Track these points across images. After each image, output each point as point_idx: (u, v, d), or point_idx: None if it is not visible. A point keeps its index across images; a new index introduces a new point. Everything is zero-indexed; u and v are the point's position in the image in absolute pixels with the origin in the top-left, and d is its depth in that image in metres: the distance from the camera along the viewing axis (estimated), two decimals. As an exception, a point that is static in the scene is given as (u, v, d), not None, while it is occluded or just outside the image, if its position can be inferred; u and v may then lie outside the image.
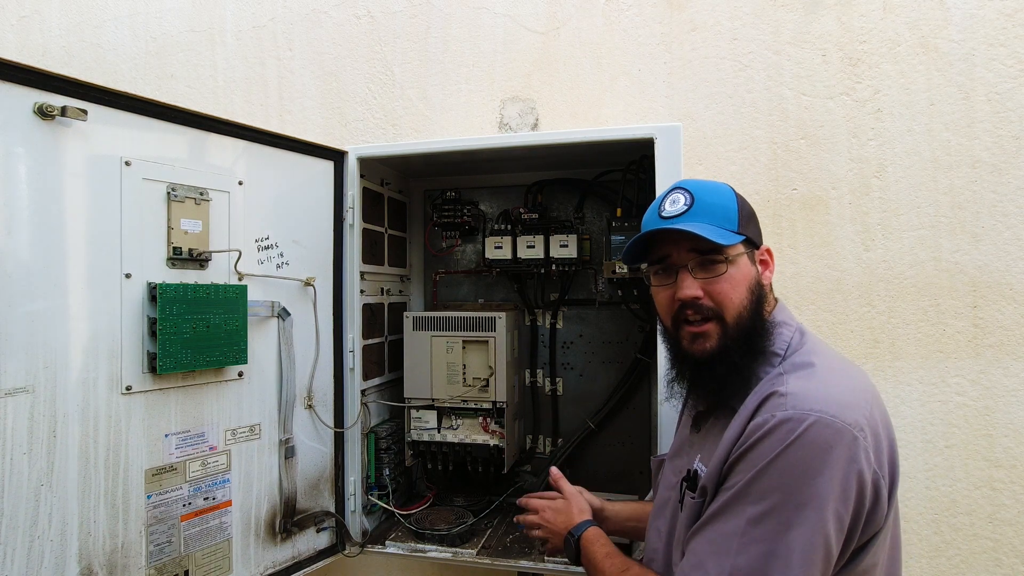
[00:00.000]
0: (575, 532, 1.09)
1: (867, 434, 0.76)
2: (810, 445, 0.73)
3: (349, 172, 1.47)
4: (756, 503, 0.75)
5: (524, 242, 1.63)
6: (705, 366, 0.88)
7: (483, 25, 1.80)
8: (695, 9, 1.65)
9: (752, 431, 0.78)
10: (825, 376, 0.81)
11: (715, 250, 0.87)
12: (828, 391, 0.78)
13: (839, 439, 0.74)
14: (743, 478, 0.77)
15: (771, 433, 0.76)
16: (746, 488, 0.76)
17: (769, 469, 0.75)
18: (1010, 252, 1.48)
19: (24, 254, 0.96)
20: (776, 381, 0.82)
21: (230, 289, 1.22)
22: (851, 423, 0.75)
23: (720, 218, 0.88)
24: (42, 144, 0.98)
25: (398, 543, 1.45)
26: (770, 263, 0.95)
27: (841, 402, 0.76)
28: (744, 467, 0.78)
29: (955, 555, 1.51)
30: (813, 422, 0.74)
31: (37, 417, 0.97)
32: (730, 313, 0.87)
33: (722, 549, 0.76)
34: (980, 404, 1.50)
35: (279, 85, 1.94)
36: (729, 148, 1.63)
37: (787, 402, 0.77)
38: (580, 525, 1.10)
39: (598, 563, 1.00)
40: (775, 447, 0.75)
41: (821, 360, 0.84)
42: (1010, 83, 1.48)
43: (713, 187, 0.93)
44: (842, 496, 0.73)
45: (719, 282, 0.87)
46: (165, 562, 1.14)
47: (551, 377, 1.74)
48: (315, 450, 1.42)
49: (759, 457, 0.76)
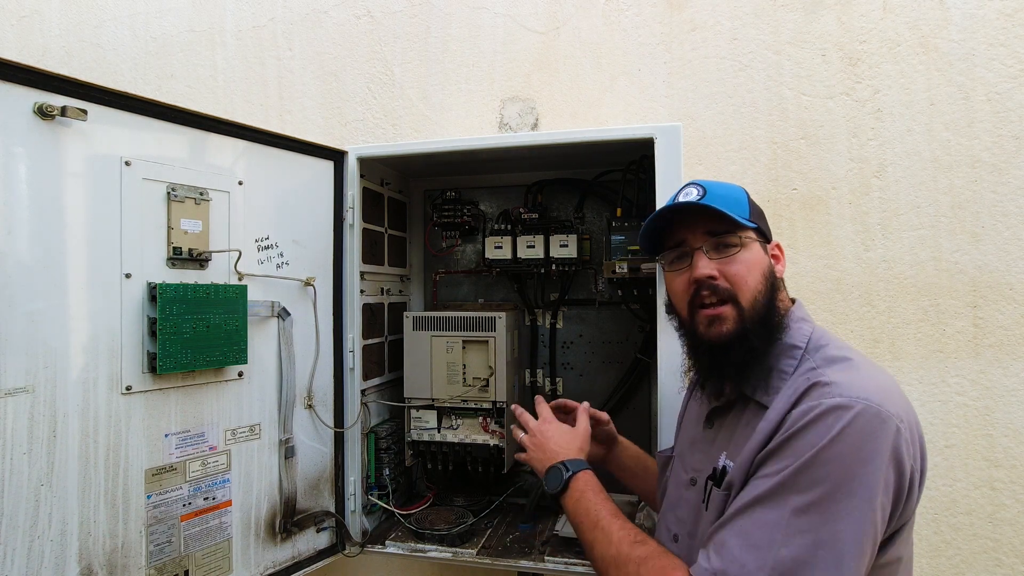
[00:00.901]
0: (570, 466, 1.01)
1: (907, 425, 0.75)
2: (860, 432, 0.72)
3: (349, 172, 1.47)
4: (804, 492, 0.72)
5: (524, 242, 1.63)
6: (723, 350, 0.87)
7: (483, 25, 1.80)
8: (695, 9, 1.65)
9: (797, 418, 0.76)
10: (864, 369, 0.81)
11: (729, 231, 0.88)
12: (871, 382, 0.77)
13: (886, 428, 0.73)
14: (787, 466, 0.74)
15: (820, 419, 0.74)
16: (793, 477, 0.73)
17: (820, 457, 0.72)
18: (1010, 252, 1.48)
19: (24, 254, 0.96)
20: (814, 373, 0.81)
21: (230, 289, 1.22)
22: (894, 413, 0.74)
23: (733, 206, 0.89)
24: (42, 144, 0.98)
25: (398, 543, 1.45)
26: (781, 258, 0.96)
27: (885, 393, 0.76)
28: (788, 455, 0.75)
29: (955, 555, 1.51)
30: (862, 409, 0.73)
31: (37, 417, 0.97)
32: (745, 296, 0.87)
33: (762, 542, 0.72)
34: (980, 404, 1.50)
35: (279, 85, 1.94)
36: (729, 148, 1.63)
37: (833, 390, 0.76)
38: (579, 461, 1.03)
39: (596, 516, 0.92)
40: (824, 433, 0.72)
41: (855, 356, 0.84)
42: (1010, 83, 1.48)
43: (725, 184, 0.95)
44: (886, 486, 0.72)
45: (734, 263, 0.88)
46: (165, 562, 1.14)
47: (551, 377, 1.74)
48: (315, 450, 1.42)
49: (807, 445, 0.73)
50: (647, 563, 0.82)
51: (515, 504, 1.67)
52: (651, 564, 0.82)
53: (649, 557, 0.83)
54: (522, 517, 1.56)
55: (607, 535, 0.89)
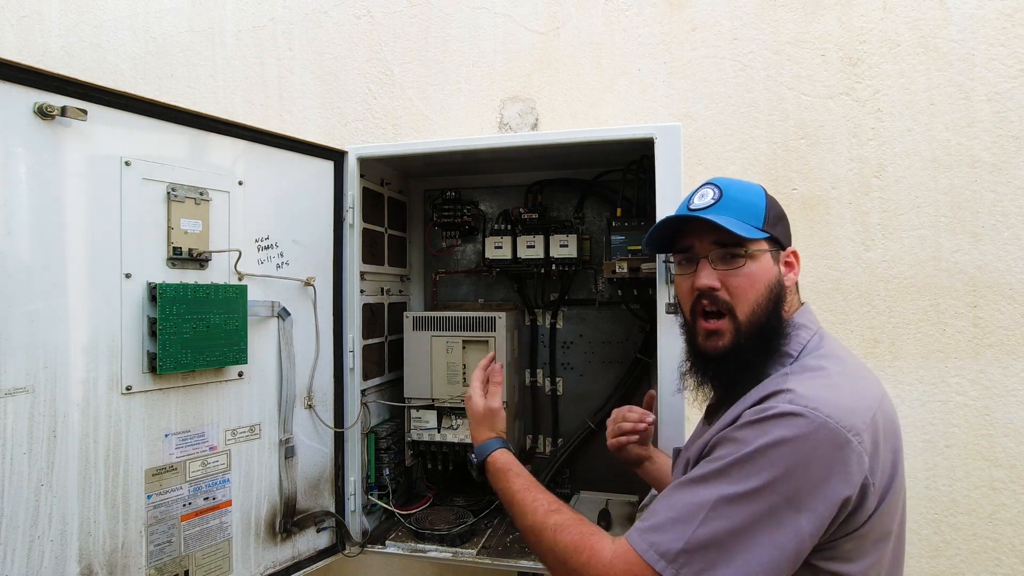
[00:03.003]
0: (476, 453, 1.07)
1: (864, 439, 0.75)
2: (804, 442, 0.73)
3: (349, 172, 1.47)
4: (735, 484, 0.74)
5: (524, 242, 1.63)
6: (717, 362, 0.89)
7: (483, 25, 1.80)
8: (695, 9, 1.65)
9: (749, 415, 0.78)
10: (833, 380, 0.81)
11: (736, 243, 0.88)
12: (832, 394, 0.77)
13: (834, 442, 0.73)
14: (727, 454, 0.76)
15: (767, 421, 0.75)
16: (728, 467, 0.75)
17: (757, 455, 0.74)
18: (1010, 252, 1.48)
19: (24, 254, 0.96)
20: (780, 380, 0.82)
21: (230, 289, 1.22)
22: (848, 427, 0.74)
23: (747, 214, 0.89)
24: (42, 144, 0.98)
25: (398, 543, 1.45)
26: (795, 265, 0.95)
27: (843, 406, 0.76)
28: (731, 446, 0.77)
29: (955, 555, 1.51)
30: (811, 420, 0.74)
31: (37, 417, 0.97)
32: (743, 309, 0.87)
33: (685, 516, 0.75)
34: (980, 404, 1.50)
35: (279, 85, 1.94)
36: (729, 148, 1.63)
37: (787, 397, 0.77)
38: (489, 443, 1.07)
39: (510, 494, 0.96)
40: (767, 435, 0.74)
41: (832, 365, 0.84)
42: (1010, 83, 1.48)
43: (744, 185, 0.94)
44: (823, 499, 0.73)
45: (737, 275, 0.88)
46: (165, 562, 1.14)
47: (551, 377, 1.74)
48: (315, 450, 1.42)
49: (750, 439, 0.75)
50: (564, 529, 0.85)
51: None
52: (569, 530, 0.85)
53: (565, 524, 0.86)
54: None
55: (522, 508, 0.93)
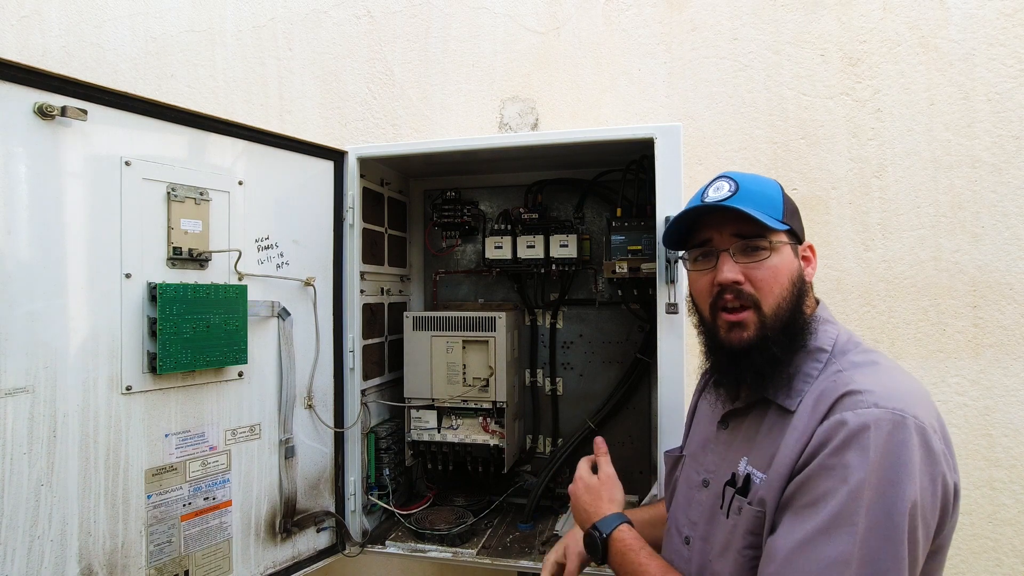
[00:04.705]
0: (602, 527, 0.96)
1: (939, 436, 0.73)
2: (903, 447, 0.69)
3: (349, 172, 1.47)
4: (856, 521, 0.68)
5: (524, 242, 1.63)
6: (743, 356, 0.85)
7: (483, 25, 1.80)
8: (695, 9, 1.65)
9: (830, 433, 0.72)
10: (894, 375, 0.78)
11: (759, 235, 0.85)
12: (902, 390, 0.74)
13: (926, 441, 0.70)
14: (833, 489, 0.70)
15: (860, 436, 0.70)
16: (847, 506, 0.69)
17: (867, 481, 0.69)
18: (1010, 252, 1.48)
19: (24, 254, 0.96)
20: (841, 378, 0.78)
21: (230, 289, 1.22)
22: (928, 425, 0.71)
23: (765, 206, 0.86)
24: (42, 144, 0.98)
25: (398, 543, 1.45)
26: (812, 260, 0.92)
27: (918, 402, 0.73)
28: (832, 479, 0.71)
29: (955, 555, 1.51)
30: (901, 423, 0.70)
31: (37, 417, 0.97)
32: (768, 303, 0.84)
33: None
34: (980, 404, 1.50)
35: (279, 85, 1.94)
36: (729, 148, 1.63)
37: (867, 399, 0.72)
38: (609, 519, 0.97)
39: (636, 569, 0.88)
40: (868, 453, 0.69)
41: (882, 360, 0.81)
42: (1010, 83, 1.48)
43: (758, 178, 0.90)
44: (932, 502, 0.70)
45: (760, 268, 0.84)
46: (165, 562, 1.14)
47: (551, 377, 1.74)
48: (315, 450, 1.42)
49: (855, 467, 0.69)
50: None
51: (515, 504, 1.67)
52: None
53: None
54: (522, 517, 1.56)
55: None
